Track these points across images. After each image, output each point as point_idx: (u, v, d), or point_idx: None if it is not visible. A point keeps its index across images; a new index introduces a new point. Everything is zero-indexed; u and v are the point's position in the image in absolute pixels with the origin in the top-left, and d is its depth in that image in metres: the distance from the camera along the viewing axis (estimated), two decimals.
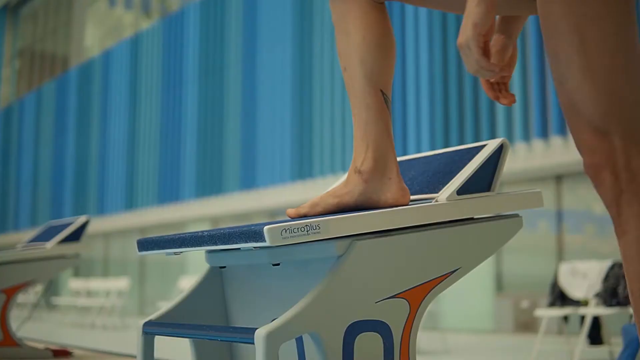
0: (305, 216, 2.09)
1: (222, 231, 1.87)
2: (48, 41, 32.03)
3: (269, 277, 2.11)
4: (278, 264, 1.96)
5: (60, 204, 25.37)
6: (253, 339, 1.69)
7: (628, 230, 1.69)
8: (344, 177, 2.24)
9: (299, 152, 16.36)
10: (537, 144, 12.24)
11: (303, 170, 16.27)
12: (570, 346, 8.33)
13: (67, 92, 25.84)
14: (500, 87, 2.22)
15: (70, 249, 4.33)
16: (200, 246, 1.94)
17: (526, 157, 12.36)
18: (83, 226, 4.44)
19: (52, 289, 25.61)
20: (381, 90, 2.16)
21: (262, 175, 17.34)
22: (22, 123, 28.98)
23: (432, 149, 13.34)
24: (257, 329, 1.70)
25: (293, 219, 1.97)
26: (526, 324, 12.49)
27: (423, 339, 10.13)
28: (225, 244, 1.85)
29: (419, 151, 13.56)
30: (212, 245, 1.89)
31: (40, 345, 4.73)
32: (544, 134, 12.11)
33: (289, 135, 16.63)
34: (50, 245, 4.27)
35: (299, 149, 16.36)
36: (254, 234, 1.76)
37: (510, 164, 12.46)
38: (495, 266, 13.48)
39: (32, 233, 4.81)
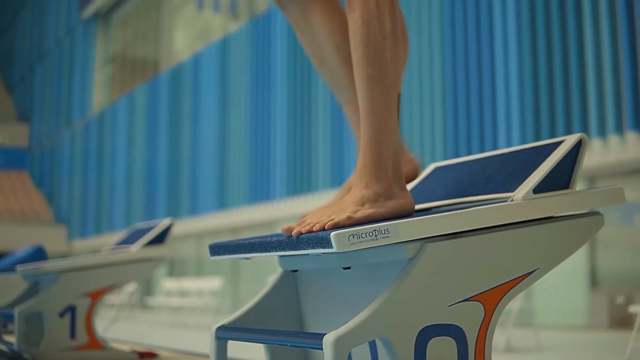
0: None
1: (290, 237, 1.85)
2: (138, 46, 32.56)
3: (341, 280, 2.09)
4: (349, 268, 1.93)
5: (153, 205, 25.77)
6: (321, 344, 1.67)
7: (355, 9, 2.02)
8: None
9: None
10: (631, 135, 11.96)
11: None
12: None
13: (158, 96, 26.23)
14: None
15: (155, 251, 4.37)
16: (269, 252, 1.93)
17: (619, 150, 12.09)
18: (167, 229, 4.47)
19: (146, 289, 26.04)
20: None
21: (352, 173, 17.31)
22: (115, 127, 29.53)
23: (523, 142, 13.13)
24: (325, 334, 1.68)
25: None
26: (621, 320, 12.21)
27: (515, 335, 9.98)
28: (294, 250, 1.83)
29: (509, 145, 13.37)
30: (281, 250, 1.88)
31: (127, 347, 4.79)
32: None
33: None
34: (135, 248, 4.32)
35: None
36: (322, 240, 1.73)
37: (603, 158, 12.20)
38: (589, 261, 13.22)
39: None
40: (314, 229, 1.84)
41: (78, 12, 34.48)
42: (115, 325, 9.44)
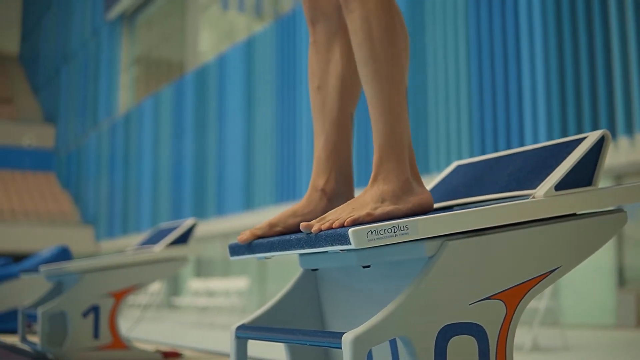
0: (261, 238, 2.10)
1: (309, 235, 1.84)
2: (164, 47, 32.68)
3: (361, 278, 2.08)
4: (368, 266, 1.91)
5: (179, 205, 25.84)
6: (340, 343, 1.66)
7: (354, 9, 2.04)
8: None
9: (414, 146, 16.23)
10: None
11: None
12: None
13: (184, 97, 26.29)
14: None
15: (178, 251, 4.37)
16: (288, 250, 1.92)
17: None
18: (191, 229, 4.48)
19: (173, 289, 26.11)
20: (351, 113, 2.24)
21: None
22: (141, 128, 29.64)
23: (550, 140, 13.02)
24: (344, 333, 1.67)
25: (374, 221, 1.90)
26: None
27: (542, 335, 9.93)
28: (313, 248, 1.82)
29: (536, 142, 13.28)
30: (300, 249, 1.87)
31: (151, 347, 4.80)
32: None
33: None
34: (158, 248, 4.32)
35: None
36: (340, 237, 1.72)
37: (631, 156, 12.11)
38: (617, 259, 13.12)
39: None
40: (333, 226, 1.83)
41: (103, 13, 34.65)
42: (141, 325, 9.47)
